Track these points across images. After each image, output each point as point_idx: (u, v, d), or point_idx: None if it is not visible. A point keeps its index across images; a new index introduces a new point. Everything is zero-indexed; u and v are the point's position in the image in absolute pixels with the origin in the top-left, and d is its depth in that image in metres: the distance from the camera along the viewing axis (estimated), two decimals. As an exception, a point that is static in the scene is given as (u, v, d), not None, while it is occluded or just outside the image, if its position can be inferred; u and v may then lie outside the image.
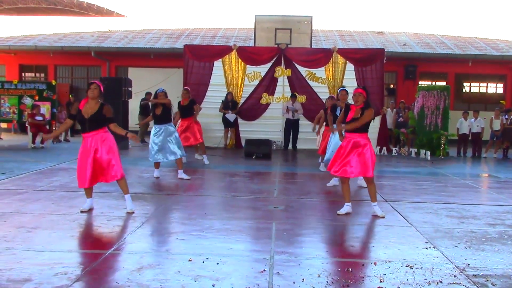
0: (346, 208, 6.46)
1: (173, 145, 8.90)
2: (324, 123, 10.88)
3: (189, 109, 10.95)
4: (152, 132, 8.98)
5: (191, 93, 11.35)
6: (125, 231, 5.47)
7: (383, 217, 6.29)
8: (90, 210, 6.25)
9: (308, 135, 15.20)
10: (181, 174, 9.03)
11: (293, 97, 14.98)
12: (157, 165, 9.09)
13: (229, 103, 14.87)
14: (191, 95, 11.27)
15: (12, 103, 14.80)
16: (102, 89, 6.24)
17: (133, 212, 6.18)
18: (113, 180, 6.20)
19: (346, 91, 8.59)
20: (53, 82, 15.56)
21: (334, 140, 8.45)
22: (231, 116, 14.86)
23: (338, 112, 8.45)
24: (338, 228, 5.89)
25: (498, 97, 20.36)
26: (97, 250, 4.77)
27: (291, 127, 15.12)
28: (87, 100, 6.16)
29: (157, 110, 8.94)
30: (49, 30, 22.72)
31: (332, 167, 6.51)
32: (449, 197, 8.00)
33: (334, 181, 8.64)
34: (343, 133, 6.67)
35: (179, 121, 10.96)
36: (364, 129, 6.41)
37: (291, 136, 15.20)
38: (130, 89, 15.35)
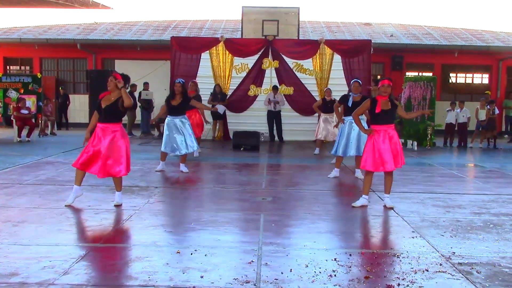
0: (363, 200, 6.40)
1: (186, 138, 8.77)
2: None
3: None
4: (166, 124, 8.84)
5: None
6: (113, 224, 5.45)
7: (392, 209, 6.29)
8: (76, 204, 6.16)
9: (294, 126, 15.27)
10: (182, 167, 8.95)
11: (275, 88, 14.97)
12: (163, 157, 9.03)
13: (217, 95, 14.83)
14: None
15: (-3, 96, 14.62)
16: (119, 78, 6.10)
17: (120, 205, 6.16)
18: (113, 176, 6.15)
19: (359, 83, 8.46)
20: (39, 75, 15.39)
21: (346, 131, 8.44)
22: (220, 108, 14.82)
23: (349, 103, 8.35)
24: (325, 219, 5.93)
25: (483, 87, 20.52)
26: (85, 243, 4.76)
27: (274, 118, 15.13)
28: (110, 92, 6.17)
29: (173, 101, 8.74)
30: (34, 23, 22.39)
31: (372, 164, 6.24)
32: (435, 186, 8.08)
33: (335, 172, 8.68)
34: (365, 126, 6.68)
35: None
36: (393, 120, 6.42)
37: (274, 128, 15.21)
38: (117, 81, 15.23)
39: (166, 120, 8.90)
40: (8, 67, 21.02)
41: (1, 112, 14.83)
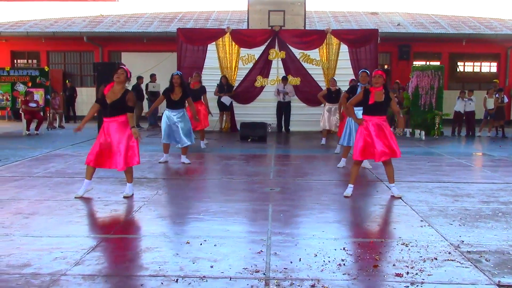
0: (349, 189, 6.42)
1: (183, 131, 8.76)
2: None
3: (198, 93, 10.95)
4: (165, 116, 8.82)
5: (185, 77, 11.29)
6: (123, 216, 5.50)
7: (400, 197, 6.30)
8: (86, 196, 6.23)
9: (302, 117, 15.25)
10: (185, 159, 8.99)
11: (284, 79, 14.95)
12: (166, 149, 9.02)
13: (224, 87, 14.83)
14: (185, 80, 11.19)
15: (5, 90, 14.71)
16: (129, 75, 6.21)
17: (130, 196, 6.20)
18: (121, 168, 6.14)
19: (367, 73, 8.40)
20: (46, 68, 15.46)
21: (352, 121, 8.38)
22: (226, 100, 14.82)
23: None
24: (333, 208, 5.94)
25: (492, 76, 20.36)
26: (95, 235, 4.81)
27: (283, 109, 15.12)
28: (112, 85, 6.13)
29: (173, 95, 8.69)
30: (40, 16, 22.42)
31: (360, 153, 6.29)
32: (443, 176, 8.06)
33: (343, 162, 8.71)
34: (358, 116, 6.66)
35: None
36: (385, 111, 6.40)
37: (283, 119, 15.20)
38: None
39: (165, 113, 8.87)
40: (15, 60, 21.11)
41: (9, 105, 14.93)
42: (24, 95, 14.43)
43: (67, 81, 19.89)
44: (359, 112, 8.30)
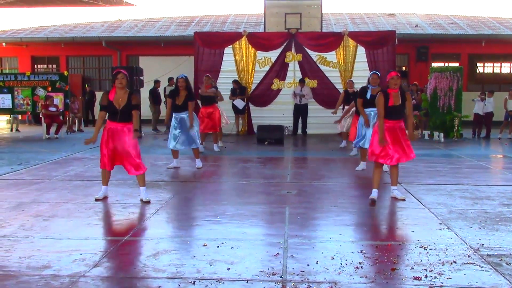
0: (373, 194, 6.21)
1: (190, 134, 8.68)
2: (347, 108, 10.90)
3: (211, 97, 10.95)
4: (172, 120, 8.76)
5: (201, 81, 11.34)
6: (140, 218, 5.54)
7: (404, 200, 6.26)
8: (104, 199, 6.30)
9: (319, 119, 15.17)
10: (198, 163, 8.88)
11: (301, 82, 14.91)
12: (175, 154, 8.89)
13: (236, 90, 14.85)
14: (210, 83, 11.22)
15: (26, 94, 14.93)
16: (128, 78, 6.21)
17: (149, 202, 6.15)
18: (135, 174, 6.18)
19: (378, 75, 8.23)
20: (65, 73, 15.66)
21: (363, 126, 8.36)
22: (239, 103, 14.83)
23: (368, 96, 8.15)
24: (351, 211, 5.91)
25: (512, 77, 20.09)
26: (113, 237, 4.86)
27: (300, 112, 15.08)
28: (115, 90, 6.07)
29: (178, 99, 8.59)
30: (60, 21, 22.77)
31: (376, 155, 6.18)
32: (463, 178, 7.96)
33: (362, 165, 8.62)
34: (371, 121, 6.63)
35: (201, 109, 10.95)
36: (402, 114, 6.27)
37: (300, 121, 15.17)
38: (141, 78, 15.42)
39: (173, 116, 8.79)
40: (35, 65, 21.46)
41: (30, 110, 15.15)
42: (44, 99, 14.64)
43: (86, 86, 20.14)
44: (372, 112, 8.25)
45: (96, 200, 6.22)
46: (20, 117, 17.07)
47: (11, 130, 16.58)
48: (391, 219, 5.65)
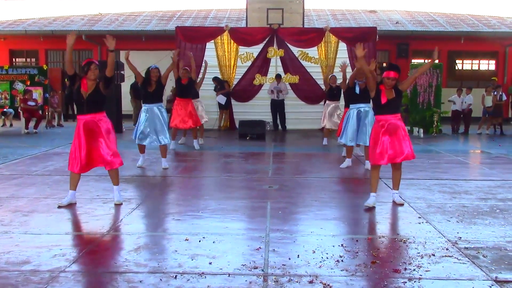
0: (372, 199, 5.81)
1: (159, 129, 8.21)
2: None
3: (188, 89, 10.61)
4: (142, 112, 8.32)
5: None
6: (121, 213, 5.50)
7: (402, 205, 5.90)
8: (70, 205, 5.70)
9: (299, 115, 15.26)
10: (164, 163, 8.27)
11: (278, 77, 14.95)
12: (141, 149, 8.43)
13: (216, 87, 14.81)
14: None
15: (4, 88, 14.75)
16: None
17: (121, 204, 5.83)
18: (110, 168, 5.81)
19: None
20: (45, 67, 15.50)
21: (355, 120, 8.21)
22: (221, 99, 14.81)
23: (357, 90, 8.09)
24: (332, 206, 5.96)
25: (490, 73, 20.39)
26: (94, 232, 4.82)
27: (277, 107, 15.12)
28: (85, 83, 5.66)
29: (149, 87, 8.17)
30: (39, 14, 22.42)
31: (373, 155, 5.80)
32: (442, 173, 8.09)
33: (348, 162, 8.48)
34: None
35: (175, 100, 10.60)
36: (399, 108, 5.93)
37: (278, 117, 15.20)
38: (122, 72, 15.29)
39: (142, 108, 8.37)
40: (14, 59, 21.09)
41: (8, 104, 14.93)
42: (22, 93, 14.45)
43: (66, 80, 19.82)
44: (362, 109, 8.24)
45: (59, 207, 5.62)
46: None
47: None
48: (371, 213, 5.71)
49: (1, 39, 20.53)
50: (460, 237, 4.56)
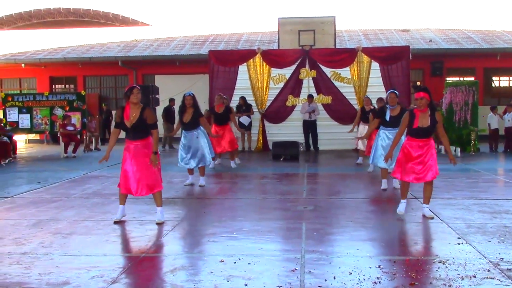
0: (401, 205, 6.25)
1: (200, 152, 8.61)
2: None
3: (224, 117, 11.01)
4: (182, 138, 8.73)
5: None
6: (157, 235, 5.57)
7: (432, 218, 6.04)
8: (123, 218, 6.16)
9: (332, 135, 15.14)
10: (201, 181, 8.74)
11: (310, 97, 14.92)
12: (190, 171, 8.90)
13: (242, 107, 14.91)
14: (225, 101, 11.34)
15: (44, 114, 15.20)
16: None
17: (162, 223, 6.01)
18: (151, 193, 6.05)
19: (396, 94, 7.89)
20: (83, 93, 15.91)
21: (381, 142, 8.15)
22: (245, 120, 14.89)
23: (387, 117, 7.95)
24: (367, 226, 5.88)
25: (528, 90, 19.91)
26: (131, 254, 4.89)
27: (309, 128, 15.07)
28: (129, 106, 5.90)
29: (185, 117, 8.52)
30: (77, 42, 23.14)
31: (397, 171, 6.20)
32: (480, 192, 7.88)
33: (384, 184, 8.27)
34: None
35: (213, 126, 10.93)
36: (431, 134, 6.04)
37: (310, 137, 15.15)
38: (157, 96, 15.60)
39: (182, 134, 8.74)
40: (53, 86, 21.82)
41: (48, 129, 15.39)
42: (62, 119, 14.88)
43: (103, 105, 20.40)
44: (391, 132, 8.06)
45: (115, 222, 6.04)
46: (38, 136, 17.22)
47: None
48: (409, 233, 5.61)
49: (42, 66, 21.30)
50: (502, 258, 4.42)
